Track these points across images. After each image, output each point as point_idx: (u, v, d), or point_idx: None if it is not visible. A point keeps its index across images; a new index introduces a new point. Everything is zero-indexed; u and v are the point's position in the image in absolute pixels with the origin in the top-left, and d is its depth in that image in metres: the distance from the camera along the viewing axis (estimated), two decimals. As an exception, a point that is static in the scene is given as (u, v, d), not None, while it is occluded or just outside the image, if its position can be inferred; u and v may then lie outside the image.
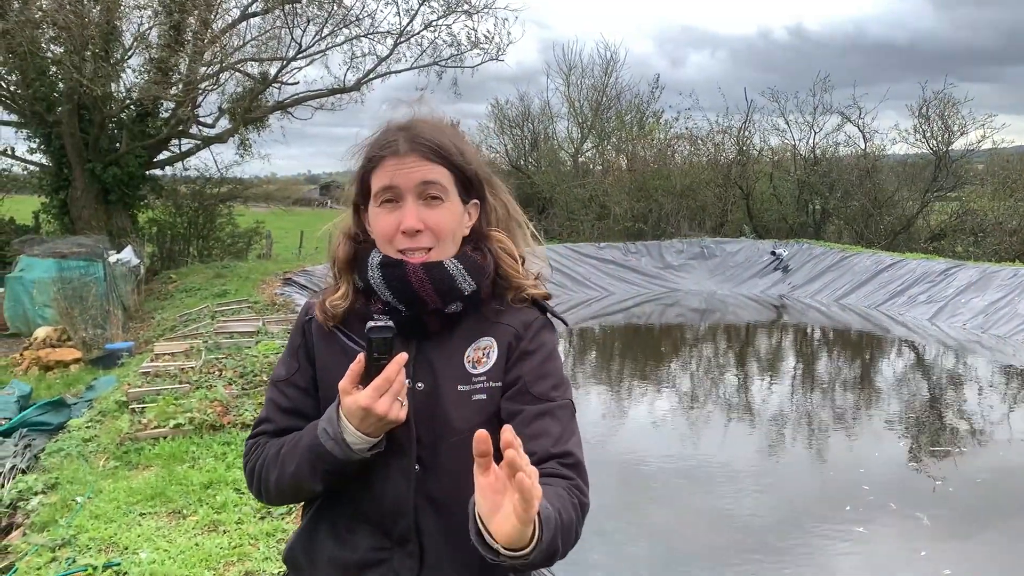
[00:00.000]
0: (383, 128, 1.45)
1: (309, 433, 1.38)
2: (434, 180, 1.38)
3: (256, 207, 24.44)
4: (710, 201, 23.92)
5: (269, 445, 1.45)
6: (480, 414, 1.38)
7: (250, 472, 1.47)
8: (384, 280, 1.38)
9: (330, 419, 1.34)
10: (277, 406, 1.48)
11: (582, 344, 14.13)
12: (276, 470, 1.41)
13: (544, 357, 1.43)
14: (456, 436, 1.37)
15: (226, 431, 5.54)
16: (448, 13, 17.02)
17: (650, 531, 5.72)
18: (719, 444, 8.10)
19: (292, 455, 1.39)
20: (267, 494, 1.46)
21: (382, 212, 1.40)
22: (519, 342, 1.42)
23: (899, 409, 9.37)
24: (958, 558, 5.44)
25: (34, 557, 3.73)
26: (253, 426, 1.52)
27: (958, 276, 15.43)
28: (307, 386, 1.48)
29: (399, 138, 1.40)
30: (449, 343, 1.42)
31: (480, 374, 1.40)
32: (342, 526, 1.44)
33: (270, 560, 3.64)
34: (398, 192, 1.38)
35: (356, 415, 1.30)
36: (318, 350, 1.47)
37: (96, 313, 10.35)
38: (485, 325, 1.44)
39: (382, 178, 1.39)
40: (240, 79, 17.47)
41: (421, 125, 1.42)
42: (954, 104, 21.37)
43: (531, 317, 1.46)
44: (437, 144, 1.40)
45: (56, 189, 16.49)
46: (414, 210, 1.37)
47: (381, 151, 1.40)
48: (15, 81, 15.44)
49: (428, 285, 1.36)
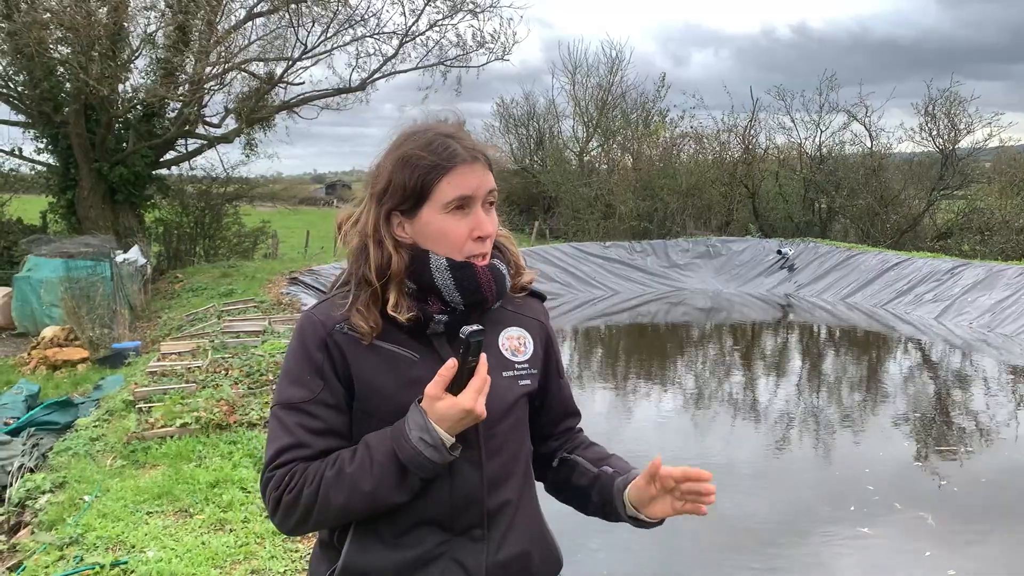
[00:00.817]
0: (430, 134, 1.42)
1: (388, 447, 1.35)
2: (495, 188, 1.46)
3: (262, 207, 24.54)
4: (716, 200, 23.91)
5: (314, 469, 1.37)
6: (523, 396, 1.54)
7: (290, 502, 1.36)
8: (455, 282, 1.41)
9: (423, 427, 1.33)
10: (308, 429, 1.40)
11: (587, 343, 14.13)
12: (344, 492, 1.34)
13: (556, 340, 1.65)
14: (505, 420, 1.49)
15: (232, 430, 5.56)
16: (453, 13, 17.05)
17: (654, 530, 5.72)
18: (724, 443, 8.10)
19: (367, 473, 1.34)
20: (318, 520, 1.38)
21: (451, 219, 1.41)
22: (545, 331, 1.60)
23: (905, 408, 9.35)
24: (963, 559, 5.43)
25: (42, 555, 3.75)
26: (274, 455, 1.40)
27: (964, 275, 15.39)
28: (338, 403, 1.41)
29: (458, 146, 1.41)
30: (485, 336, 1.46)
31: (522, 362, 1.53)
32: (393, 533, 1.42)
33: (276, 559, 3.66)
34: (471, 200, 1.41)
35: (454, 417, 1.32)
36: (356, 364, 1.41)
37: (103, 313, 10.40)
38: (505, 316, 1.54)
39: (458, 186, 1.39)
40: (246, 79, 17.52)
41: (467, 135, 1.46)
42: (961, 102, 21.35)
43: (540, 307, 1.64)
44: (487, 153, 1.47)
45: (63, 189, 16.57)
46: (488, 217, 1.44)
47: (449, 160, 1.39)
48: (23, 81, 15.50)
49: (492, 285, 1.44)
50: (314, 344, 1.42)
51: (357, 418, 1.42)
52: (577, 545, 5.25)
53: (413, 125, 1.46)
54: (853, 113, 22.75)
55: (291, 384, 1.42)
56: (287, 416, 1.41)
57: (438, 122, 1.47)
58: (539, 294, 1.64)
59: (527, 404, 1.56)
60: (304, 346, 1.43)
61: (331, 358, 1.41)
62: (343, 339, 1.42)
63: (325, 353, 1.41)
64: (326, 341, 1.42)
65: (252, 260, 18.71)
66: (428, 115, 1.49)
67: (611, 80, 28.72)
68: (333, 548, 1.46)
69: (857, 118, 22.77)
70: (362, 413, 1.41)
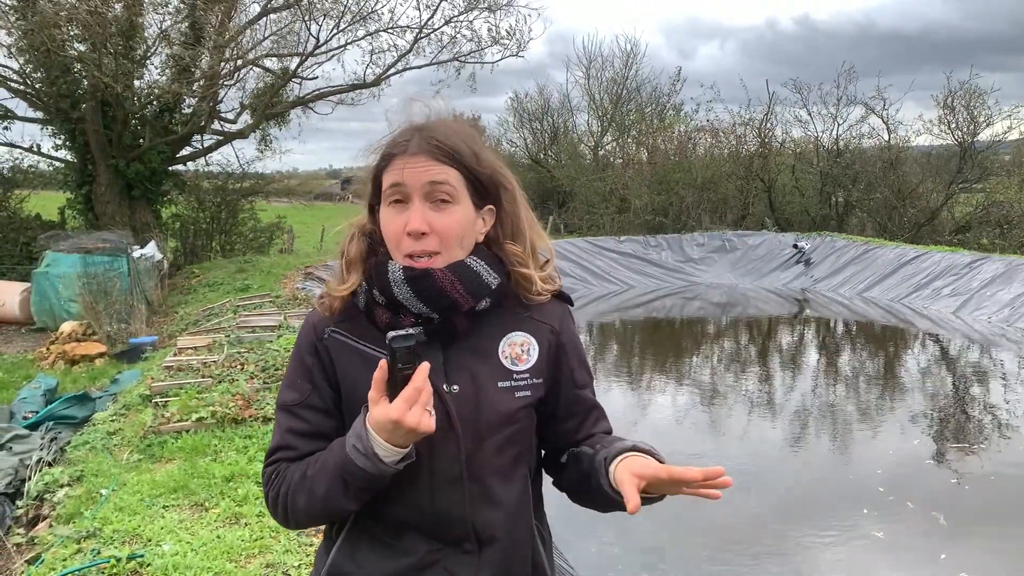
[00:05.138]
0: (401, 127, 1.42)
1: (336, 452, 1.33)
2: (442, 181, 1.35)
3: (277, 202, 24.57)
4: (731, 194, 23.78)
5: (291, 470, 1.39)
6: (523, 409, 1.43)
7: (273, 500, 1.41)
8: (415, 294, 1.34)
9: (358, 434, 1.29)
10: (295, 432, 1.42)
11: (602, 338, 14.10)
12: (304, 495, 1.36)
13: (577, 345, 1.52)
14: (499, 432, 1.40)
15: (248, 424, 5.58)
16: (470, 9, 17.00)
17: (661, 526, 5.71)
18: (737, 440, 8.06)
19: (320, 478, 1.34)
20: (295, 520, 1.40)
21: (390, 212, 1.37)
22: (557, 336, 1.47)
23: (922, 404, 9.27)
24: (976, 561, 5.37)
25: (60, 548, 3.79)
26: (267, 454, 1.45)
27: (983, 269, 15.24)
28: (326, 407, 1.42)
29: (413, 137, 1.37)
30: (479, 342, 1.41)
31: (523, 371, 1.42)
32: (386, 538, 1.41)
33: (291, 552, 3.67)
34: (405, 192, 1.35)
35: (386, 428, 1.25)
36: (342, 368, 1.41)
37: (120, 308, 10.47)
38: (512, 320, 1.45)
39: (391, 176, 1.36)
40: (260, 75, 17.57)
41: (437, 126, 1.39)
42: (980, 94, 21.15)
43: (560, 310, 1.51)
44: (449, 145, 1.36)
45: (80, 185, 16.67)
46: (420, 211, 1.34)
47: (392, 149, 1.38)
48: (40, 79, 15.60)
49: (459, 286, 1.35)
50: (306, 348, 1.45)
51: (347, 421, 1.41)
52: (578, 545, 5.24)
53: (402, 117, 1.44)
54: (871, 106, 22.59)
55: (287, 386, 1.46)
56: (282, 417, 1.45)
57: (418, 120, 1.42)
58: (566, 297, 1.53)
59: (531, 416, 1.46)
60: (299, 349, 1.46)
61: (320, 362, 1.43)
62: (332, 343, 1.42)
63: (315, 357, 1.43)
64: (316, 345, 1.43)
65: (268, 255, 18.76)
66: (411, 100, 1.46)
67: (626, 74, 28.65)
68: (332, 541, 1.47)
69: (875, 111, 22.61)
70: (350, 416, 1.40)
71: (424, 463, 1.35)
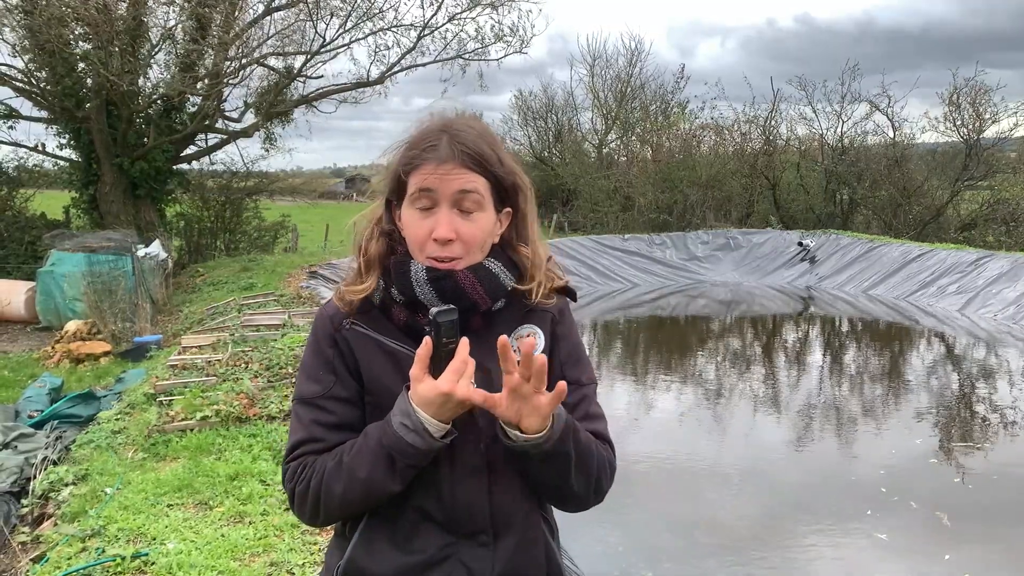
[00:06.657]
0: (424, 125, 1.42)
1: (377, 434, 1.34)
2: (471, 190, 1.37)
3: (282, 201, 24.60)
4: (736, 192, 23.76)
5: (321, 461, 1.39)
6: None
7: (302, 493, 1.39)
8: (438, 294, 1.37)
9: (405, 412, 1.31)
10: (321, 423, 1.42)
11: (607, 336, 14.09)
12: (342, 482, 1.35)
13: (575, 340, 1.54)
14: None
15: (252, 423, 5.59)
16: (473, 6, 17.00)
17: (665, 525, 5.70)
18: (740, 439, 8.04)
19: (361, 460, 1.34)
20: (327, 511, 1.39)
21: (416, 215, 1.38)
22: (555, 325, 1.51)
23: (927, 402, 9.25)
24: (980, 563, 5.35)
25: (65, 547, 3.80)
26: (289, 449, 1.44)
27: (989, 266, 15.19)
28: (351, 397, 1.43)
29: (441, 141, 1.37)
30: (491, 337, 1.39)
31: None
32: (402, 532, 1.42)
33: (295, 551, 3.67)
34: (434, 197, 1.36)
35: (435, 402, 1.28)
36: (363, 360, 1.42)
37: (125, 307, 10.50)
38: (520, 314, 1.49)
39: (420, 180, 1.37)
40: (265, 73, 17.58)
41: (465, 130, 1.40)
42: (985, 91, 21.07)
43: (561, 302, 1.54)
44: (479, 152, 1.38)
45: (85, 184, 16.71)
46: (448, 219, 1.36)
47: (423, 153, 1.38)
48: (45, 77, 15.63)
49: (480, 288, 1.39)
50: (325, 340, 1.45)
51: (369, 411, 1.43)
52: (582, 544, 5.24)
53: (427, 117, 1.45)
54: (876, 103, 22.53)
55: (306, 379, 1.46)
56: (303, 411, 1.44)
57: (444, 119, 1.43)
58: (569, 291, 1.56)
59: None
60: (316, 342, 1.46)
61: (341, 353, 1.44)
62: (351, 334, 1.43)
63: (335, 349, 1.44)
64: (334, 337, 1.44)
65: (272, 254, 18.79)
66: (438, 108, 1.47)
67: (630, 72, 28.63)
68: (345, 539, 1.47)
69: (880, 108, 22.55)
70: (373, 407, 1.42)
71: (446, 454, 1.37)
